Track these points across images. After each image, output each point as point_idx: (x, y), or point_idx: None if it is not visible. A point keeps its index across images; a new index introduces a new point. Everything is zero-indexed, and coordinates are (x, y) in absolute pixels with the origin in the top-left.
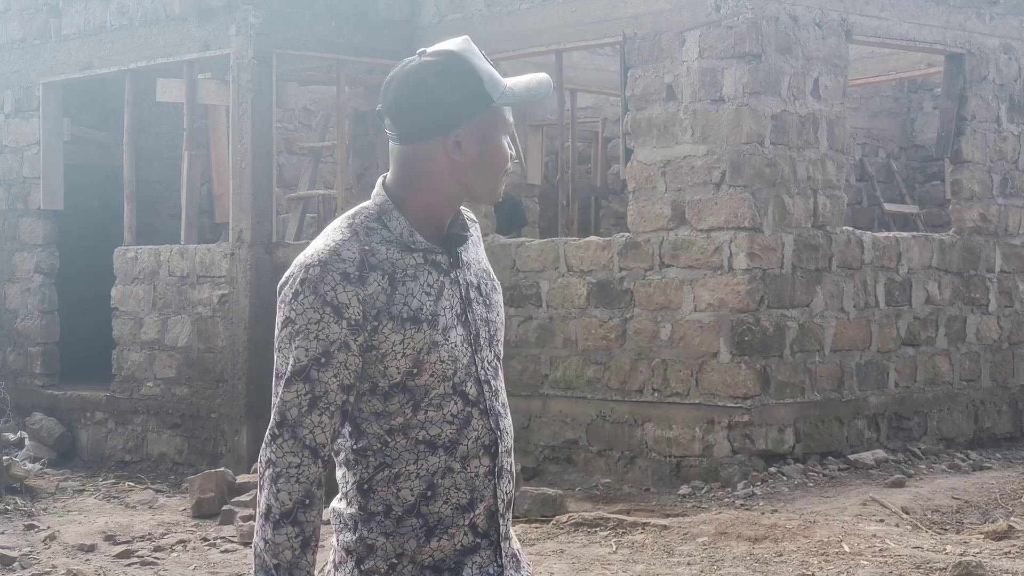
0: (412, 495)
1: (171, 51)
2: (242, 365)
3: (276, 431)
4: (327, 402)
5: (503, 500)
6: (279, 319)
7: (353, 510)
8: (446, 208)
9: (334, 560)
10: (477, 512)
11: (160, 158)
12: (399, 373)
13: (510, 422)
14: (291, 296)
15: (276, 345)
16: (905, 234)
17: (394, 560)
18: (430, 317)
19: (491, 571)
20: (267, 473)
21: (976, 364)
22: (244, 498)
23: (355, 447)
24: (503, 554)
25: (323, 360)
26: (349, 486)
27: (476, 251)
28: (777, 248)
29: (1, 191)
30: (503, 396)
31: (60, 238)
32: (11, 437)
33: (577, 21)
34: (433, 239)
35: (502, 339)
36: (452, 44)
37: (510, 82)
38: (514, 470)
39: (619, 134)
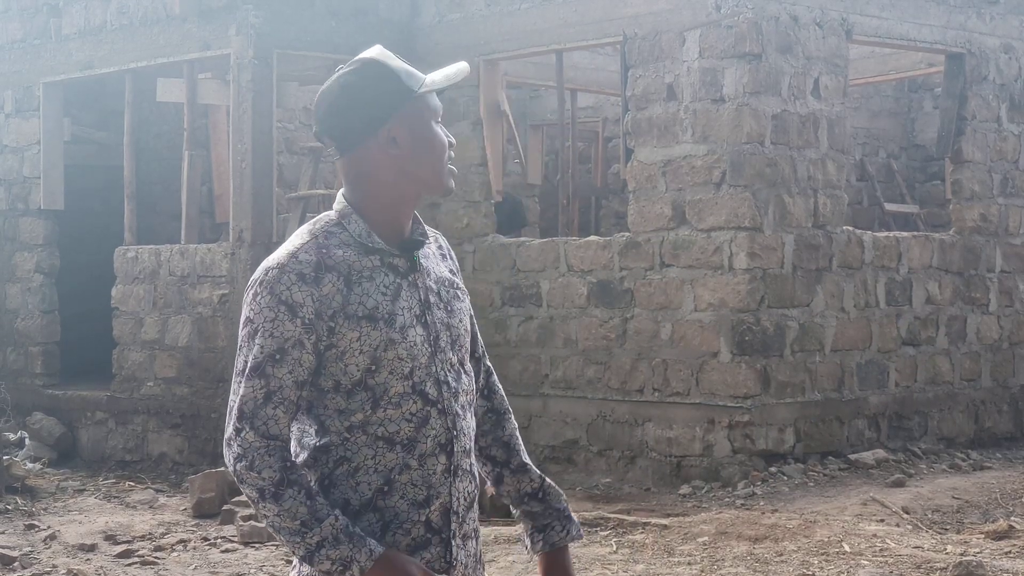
0: (370, 489)
1: (171, 51)
2: None
3: (237, 425)
4: (281, 397)
5: (459, 499)
6: (241, 319)
7: None
8: (402, 207)
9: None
10: (432, 508)
11: (160, 158)
12: (359, 371)
13: (472, 424)
14: (251, 297)
15: (238, 345)
16: (905, 234)
17: None
18: (387, 316)
19: (437, 567)
20: (240, 467)
21: (976, 364)
22: (244, 498)
23: (318, 444)
24: (453, 552)
25: (278, 356)
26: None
27: (438, 263)
28: (777, 248)
29: (1, 191)
30: (465, 398)
31: (60, 238)
32: (11, 437)
33: (577, 21)
34: (392, 244)
35: (467, 344)
36: (366, 53)
37: (430, 76)
38: (476, 471)
39: (619, 134)
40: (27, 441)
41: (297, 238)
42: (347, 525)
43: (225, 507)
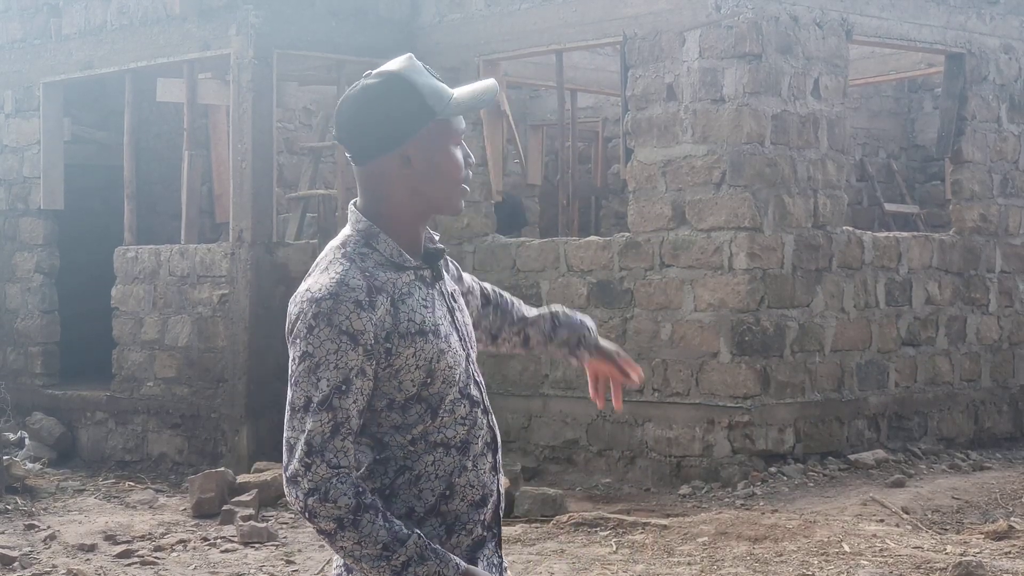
0: (433, 495)
1: (171, 51)
2: (242, 365)
3: (306, 460)
4: (348, 428)
5: (502, 495)
6: (295, 355)
7: None
8: (417, 222)
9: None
10: (487, 507)
11: (160, 158)
12: (414, 385)
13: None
14: (306, 331)
15: (292, 380)
16: (905, 234)
17: None
18: (433, 328)
19: (495, 561)
20: (312, 501)
21: (976, 364)
22: (244, 498)
23: (377, 458)
24: (502, 549)
25: (343, 388)
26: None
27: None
28: (777, 248)
29: (1, 191)
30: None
31: (60, 238)
32: (11, 437)
33: (577, 21)
34: (415, 255)
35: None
36: (394, 64)
37: (457, 92)
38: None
39: (619, 134)
40: (27, 441)
41: (337, 264)
42: (428, 543)
43: (225, 507)
